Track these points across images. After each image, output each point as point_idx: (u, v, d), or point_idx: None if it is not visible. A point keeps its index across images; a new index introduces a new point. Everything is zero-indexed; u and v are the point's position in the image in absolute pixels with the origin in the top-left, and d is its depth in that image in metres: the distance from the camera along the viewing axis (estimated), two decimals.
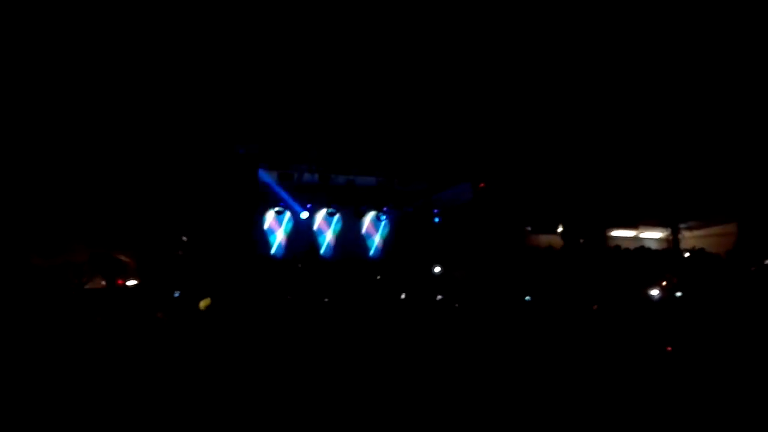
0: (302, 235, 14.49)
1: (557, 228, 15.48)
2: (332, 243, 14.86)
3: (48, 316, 9.63)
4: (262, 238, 14.06)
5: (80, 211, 11.60)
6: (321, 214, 14.84)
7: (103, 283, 11.53)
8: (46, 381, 6.73)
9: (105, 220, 11.75)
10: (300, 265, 13.56)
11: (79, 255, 11.55)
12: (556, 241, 15.29)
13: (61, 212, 11.51)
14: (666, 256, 15.47)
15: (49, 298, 10.52)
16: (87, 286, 11.52)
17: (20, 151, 11.21)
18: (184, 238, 12.54)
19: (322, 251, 14.64)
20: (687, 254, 15.39)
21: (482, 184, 15.15)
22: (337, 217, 14.92)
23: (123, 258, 11.82)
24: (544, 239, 15.44)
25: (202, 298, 11.38)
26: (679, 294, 13.43)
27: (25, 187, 11.25)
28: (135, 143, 12.00)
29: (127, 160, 11.96)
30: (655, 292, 13.32)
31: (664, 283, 13.14)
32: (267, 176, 14.16)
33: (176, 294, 11.00)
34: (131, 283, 11.81)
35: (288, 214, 14.42)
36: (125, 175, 11.93)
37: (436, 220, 14.98)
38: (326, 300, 12.65)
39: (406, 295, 13.35)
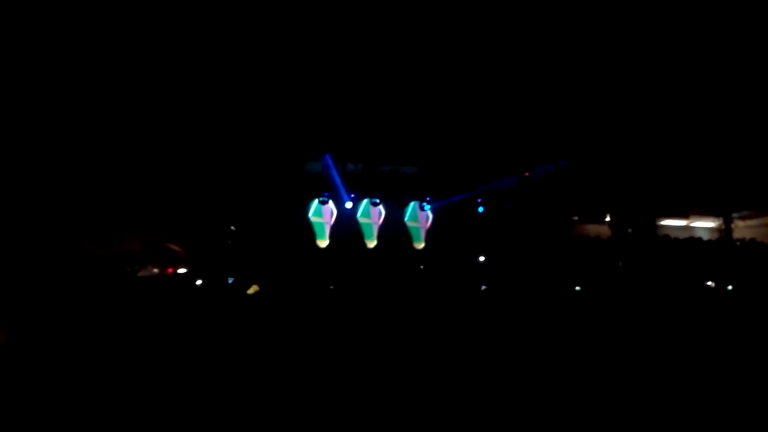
0: (346, 224, 14.52)
1: (605, 217, 15.16)
2: (376, 232, 14.84)
3: (102, 303, 9.94)
4: (307, 227, 14.15)
5: (133, 201, 11.91)
6: (364, 204, 14.84)
7: (155, 271, 11.84)
8: (100, 365, 6.93)
9: (157, 210, 12.03)
10: (343, 254, 13.67)
11: (131, 244, 11.88)
12: (605, 231, 14.99)
13: (115, 202, 11.83)
14: (718, 247, 15.05)
15: (102, 284, 10.86)
16: (139, 274, 11.84)
17: (78, 143, 11.54)
18: (233, 228, 12.75)
19: (365, 240, 14.65)
20: (739, 244, 14.98)
21: (527, 173, 14.92)
22: (381, 206, 14.89)
23: (174, 247, 12.11)
24: (592, 229, 15.16)
25: (250, 285, 11.59)
26: (730, 287, 13.10)
27: (81, 177, 11.59)
28: (186, 137, 12.23)
29: (179, 152, 12.20)
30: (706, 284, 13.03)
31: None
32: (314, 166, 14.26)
33: (230, 281, 11.25)
34: (182, 271, 12.09)
35: (332, 204, 14.46)
36: (177, 166, 12.18)
37: (480, 210, 14.82)
38: (369, 289, 12.73)
39: (449, 285, 13.33)
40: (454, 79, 12.88)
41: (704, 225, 16.32)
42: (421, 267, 14.20)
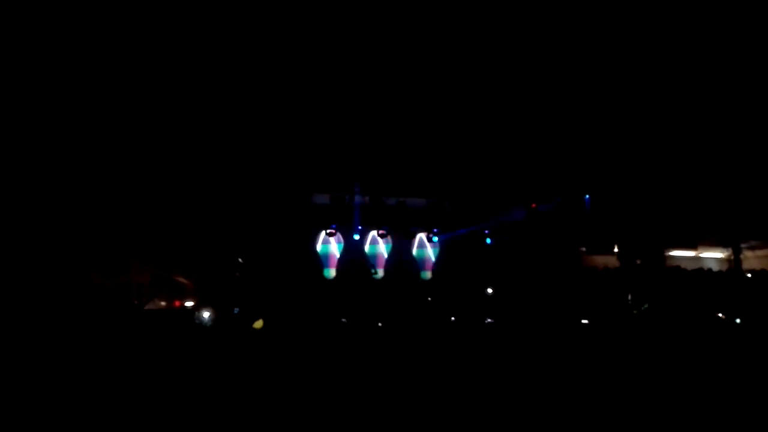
0: (354, 257, 14.53)
1: (613, 248, 15.11)
2: (383, 264, 14.84)
3: (108, 336, 9.89)
4: (315, 260, 14.16)
5: (142, 234, 11.94)
6: (372, 236, 14.88)
7: (163, 304, 11.81)
8: (103, 395, 6.88)
9: (165, 242, 12.05)
10: (351, 286, 13.65)
11: (139, 276, 11.87)
12: (613, 262, 14.93)
13: (123, 234, 11.86)
14: (727, 278, 14.96)
15: (109, 317, 10.82)
16: (146, 307, 11.81)
17: (88, 177, 11.63)
18: (240, 260, 12.75)
19: (373, 272, 14.64)
20: (749, 275, 14.86)
21: (534, 205, 14.95)
22: (388, 238, 14.92)
23: (181, 280, 12.10)
24: (600, 260, 15.10)
25: (257, 318, 11.54)
26: (738, 321, 12.99)
27: (90, 209, 11.64)
28: (194, 170, 12.32)
29: (188, 185, 12.27)
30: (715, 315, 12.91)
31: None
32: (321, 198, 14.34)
33: (236, 311, 11.22)
34: (189, 304, 12.05)
35: (339, 236, 14.50)
36: (185, 199, 12.23)
37: (488, 241, 14.82)
38: (378, 323, 12.66)
39: (456, 317, 13.24)
40: (462, 110, 13.00)
41: (713, 255, 16.24)
42: (429, 299, 14.14)
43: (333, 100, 12.57)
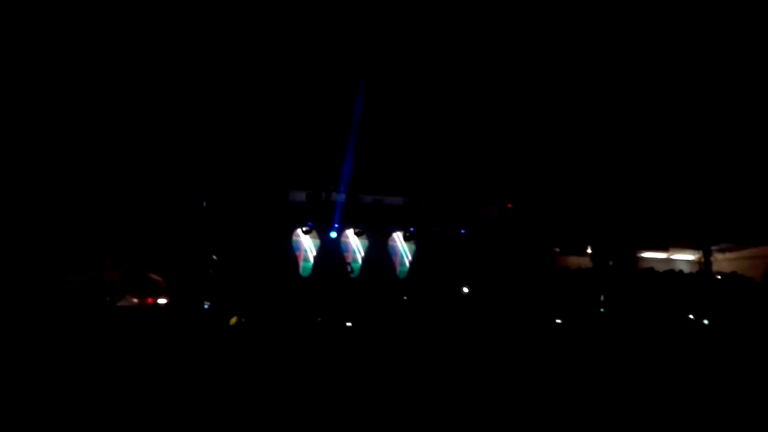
0: (330, 255, 14.53)
1: (586, 249, 15.28)
2: (359, 262, 14.86)
3: (80, 332, 9.80)
4: (291, 258, 14.12)
5: (113, 230, 11.81)
6: (348, 234, 14.88)
7: (135, 300, 11.71)
8: (76, 394, 6.83)
9: (137, 239, 11.94)
10: (327, 284, 13.66)
11: (111, 273, 11.76)
12: (586, 263, 15.10)
13: (94, 231, 11.72)
14: (697, 280, 15.19)
15: (81, 313, 10.71)
16: (118, 304, 11.71)
17: (58, 172, 11.48)
18: (215, 257, 12.68)
19: (349, 270, 14.65)
20: (719, 277, 15.10)
21: (510, 205, 15.06)
22: (364, 236, 14.93)
23: (154, 276, 12.00)
24: (574, 261, 15.26)
25: (231, 315, 11.50)
26: (706, 322, 13.21)
27: (61, 206, 11.49)
28: (168, 165, 12.21)
29: (159, 181, 12.16)
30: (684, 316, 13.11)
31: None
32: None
33: (206, 306, 11.15)
34: (162, 301, 11.97)
35: (315, 234, 14.48)
36: (158, 195, 12.13)
37: (463, 231, 14.91)
38: (350, 322, 12.68)
39: (431, 315, 13.31)
40: (439, 110, 13.04)
41: (684, 258, 16.46)
42: (405, 298, 14.19)
43: (311, 97, 12.54)
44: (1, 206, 11.06)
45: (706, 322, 12.84)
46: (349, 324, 12.36)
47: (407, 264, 15.22)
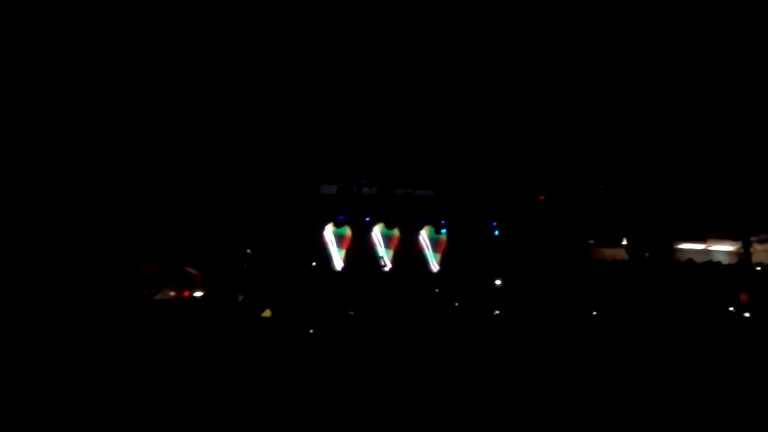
0: (362, 248, 14.59)
1: (621, 241, 15.05)
2: (391, 256, 14.89)
3: (118, 326, 9.98)
4: (323, 251, 14.23)
5: (150, 224, 12.01)
6: (380, 227, 14.92)
7: (172, 294, 11.89)
8: (111, 389, 6.94)
9: (174, 233, 12.12)
10: (359, 278, 13.69)
11: (148, 267, 11.96)
12: (621, 255, 14.88)
13: (132, 225, 11.93)
14: (736, 271, 14.88)
15: (119, 307, 10.91)
16: (156, 297, 11.90)
17: (97, 168, 11.70)
18: (249, 251, 12.81)
19: (381, 264, 14.69)
20: (758, 268, 14.78)
21: (542, 197, 14.92)
22: (396, 229, 14.96)
23: (191, 270, 12.17)
24: (608, 253, 15.06)
25: (264, 308, 11.60)
26: (747, 315, 12.91)
27: (100, 199, 11.72)
28: (202, 161, 12.36)
29: (196, 175, 12.32)
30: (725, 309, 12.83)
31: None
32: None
33: (240, 298, 11.27)
34: (198, 294, 12.13)
35: (347, 227, 14.56)
36: (194, 189, 12.29)
37: (496, 233, 14.83)
38: (384, 314, 12.70)
39: (463, 309, 13.26)
40: (471, 100, 12.95)
41: (722, 249, 16.15)
42: (436, 291, 14.17)
43: (340, 91, 12.56)
44: (37, 202, 11.30)
45: (747, 314, 12.55)
46: (382, 318, 12.39)
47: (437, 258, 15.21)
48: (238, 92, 12.09)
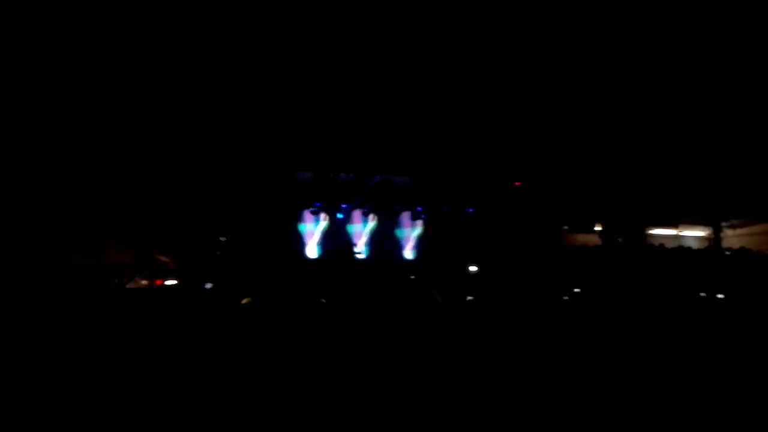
0: (337, 235, 14.53)
1: (595, 227, 15.22)
2: (367, 243, 14.86)
3: (89, 315, 9.84)
4: (298, 239, 14.14)
5: (122, 213, 11.83)
6: (356, 214, 14.87)
7: (144, 282, 11.75)
8: (83, 380, 6.84)
9: (146, 221, 11.96)
10: (335, 265, 13.64)
11: (120, 255, 11.79)
12: (594, 240, 15.04)
13: (103, 213, 11.74)
14: (707, 256, 15.13)
15: (89, 297, 10.75)
16: (128, 286, 11.74)
17: (65, 154, 11.46)
18: (222, 239, 12.70)
19: (356, 251, 14.65)
20: (728, 253, 15.04)
21: (518, 183, 14.99)
22: (372, 216, 14.92)
23: (163, 258, 12.03)
24: (582, 238, 15.21)
25: (240, 297, 11.52)
26: (720, 296, 13.13)
27: (69, 188, 11.50)
28: (175, 147, 12.18)
29: (167, 163, 12.14)
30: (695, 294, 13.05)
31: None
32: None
33: (208, 286, 11.17)
34: (170, 282, 12.00)
35: (323, 215, 14.48)
36: (166, 176, 12.12)
37: (470, 210, 14.89)
38: (358, 300, 12.69)
39: (439, 293, 13.31)
40: (446, 86, 12.92)
41: (693, 234, 16.40)
42: (412, 277, 14.19)
43: (316, 76, 12.44)
44: (7, 190, 11.05)
45: (720, 296, 12.78)
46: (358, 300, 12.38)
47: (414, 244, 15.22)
48: (211, 79, 11.92)
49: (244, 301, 11.41)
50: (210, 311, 10.88)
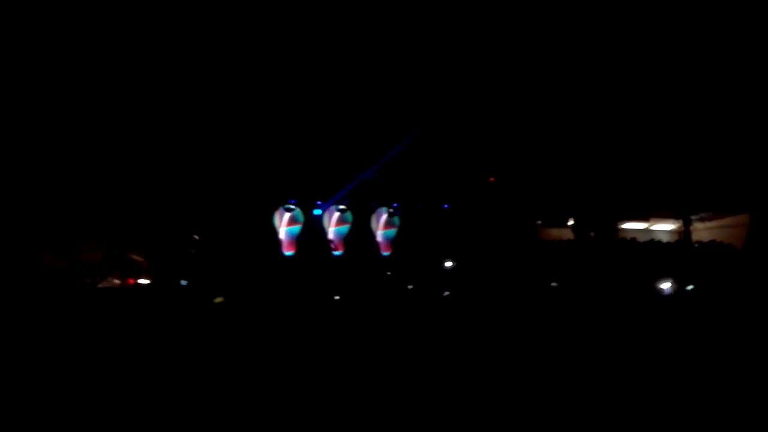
0: (313, 233, 14.48)
1: (568, 221, 15.42)
2: (343, 240, 14.84)
3: (60, 315, 9.72)
4: (273, 236, 14.05)
5: (93, 211, 11.66)
6: (331, 211, 14.84)
7: (116, 282, 11.63)
8: (56, 381, 6.77)
9: (117, 219, 11.81)
10: (311, 263, 13.64)
11: (91, 254, 11.64)
12: (567, 235, 15.24)
13: (73, 211, 11.57)
14: (677, 248, 15.40)
15: (61, 297, 10.61)
16: (100, 285, 11.61)
17: (33, 151, 11.28)
18: (196, 237, 12.59)
19: (332, 248, 14.65)
20: (697, 246, 15.31)
21: (492, 179, 15.12)
22: (347, 213, 14.90)
23: (136, 257, 11.91)
24: (555, 233, 15.40)
25: (215, 295, 11.47)
26: (690, 287, 13.37)
27: (38, 186, 11.32)
28: (147, 144, 12.05)
29: (140, 160, 12.01)
30: (666, 286, 13.25)
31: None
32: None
33: (183, 283, 11.10)
34: (143, 281, 11.90)
35: (299, 211, 14.41)
36: (138, 174, 11.99)
37: (445, 206, 15.00)
38: (336, 298, 12.70)
39: (415, 291, 13.39)
40: (419, 81, 12.98)
41: (664, 228, 16.65)
42: (388, 273, 14.24)
43: (292, 71, 12.42)
44: None
45: (690, 287, 13.01)
46: (336, 297, 12.41)
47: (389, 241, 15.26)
48: (185, 74, 11.84)
49: (217, 300, 11.36)
50: (184, 309, 10.83)
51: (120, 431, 5.59)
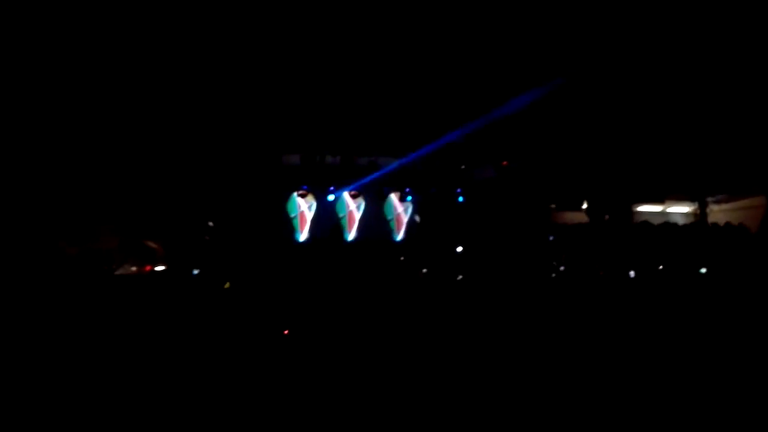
0: (326, 218, 14.52)
1: (582, 204, 15.32)
2: (356, 225, 14.86)
3: (78, 302, 9.80)
4: (287, 222, 14.11)
5: (109, 199, 11.75)
6: (344, 196, 14.86)
7: (133, 269, 11.70)
8: (73, 368, 6.83)
9: (133, 206, 11.89)
10: (323, 248, 13.66)
11: (108, 242, 11.72)
12: (582, 218, 15.15)
13: (90, 199, 11.65)
14: (693, 231, 15.28)
15: (78, 284, 10.70)
16: (117, 273, 11.69)
17: (52, 140, 11.35)
18: (211, 224, 12.65)
19: (345, 234, 14.67)
20: (714, 228, 15.20)
21: (505, 162, 15.03)
22: (360, 198, 14.91)
23: (151, 244, 11.97)
24: (569, 216, 15.31)
25: (227, 281, 11.51)
26: (704, 270, 13.28)
27: (55, 174, 11.41)
28: (163, 132, 12.09)
29: (155, 147, 12.06)
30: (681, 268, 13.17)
31: None
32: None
33: (195, 272, 11.15)
34: (160, 268, 11.97)
35: (311, 197, 14.45)
36: (153, 161, 12.04)
37: (460, 199, 14.91)
38: (349, 283, 12.72)
39: (428, 276, 13.37)
40: (434, 67, 12.87)
41: (680, 210, 16.55)
42: (402, 259, 14.24)
43: (301, 58, 12.35)
44: None
45: (703, 270, 12.93)
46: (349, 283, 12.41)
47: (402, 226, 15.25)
48: (197, 63, 11.81)
49: (226, 285, 11.41)
50: (200, 296, 10.89)
51: (136, 415, 5.66)
